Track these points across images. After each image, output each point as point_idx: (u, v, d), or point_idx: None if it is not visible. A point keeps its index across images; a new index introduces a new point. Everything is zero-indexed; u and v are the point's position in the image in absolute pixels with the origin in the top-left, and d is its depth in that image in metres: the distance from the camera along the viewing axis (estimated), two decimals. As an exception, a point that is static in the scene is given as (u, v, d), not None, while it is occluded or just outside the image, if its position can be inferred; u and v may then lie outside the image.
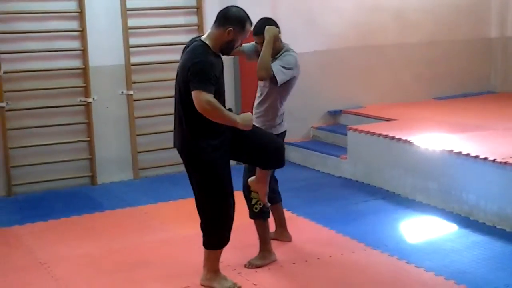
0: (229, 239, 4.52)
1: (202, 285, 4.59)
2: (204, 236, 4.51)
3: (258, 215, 5.00)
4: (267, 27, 4.84)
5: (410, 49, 9.22)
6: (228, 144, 4.39)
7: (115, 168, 7.63)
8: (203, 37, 4.33)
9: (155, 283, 4.75)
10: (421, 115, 8.14)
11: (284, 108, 5.09)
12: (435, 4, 9.31)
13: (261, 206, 4.95)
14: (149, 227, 5.99)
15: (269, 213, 5.07)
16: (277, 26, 4.94)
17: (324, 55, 8.63)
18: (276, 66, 4.82)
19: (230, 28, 4.23)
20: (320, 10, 8.58)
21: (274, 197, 5.21)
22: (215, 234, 4.48)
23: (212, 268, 4.57)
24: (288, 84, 4.95)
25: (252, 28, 4.51)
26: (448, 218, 6.04)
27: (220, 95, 4.34)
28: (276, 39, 4.88)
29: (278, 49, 4.94)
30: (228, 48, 4.34)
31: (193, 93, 4.13)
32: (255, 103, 5.09)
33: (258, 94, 5.09)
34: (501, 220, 5.72)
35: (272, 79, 4.82)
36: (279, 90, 4.93)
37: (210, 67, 4.17)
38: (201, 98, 4.10)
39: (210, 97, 4.12)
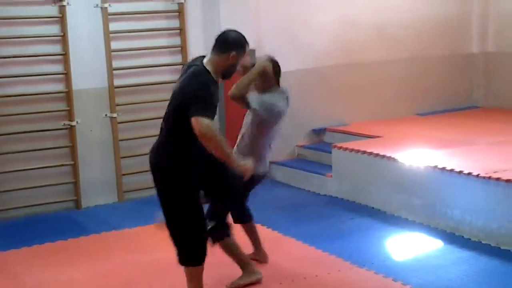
0: (206, 254, 4.48)
1: None
2: (181, 255, 4.44)
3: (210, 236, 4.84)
4: (260, 60, 4.93)
5: (392, 66, 9.27)
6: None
7: (100, 191, 7.59)
8: (204, 61, 4.31)
9: (142, 307, 4.74)
10: (405, 131, 8.18)
11: (266, 152, 5.09)
12: (416, 20, 9.38)
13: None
14: (135, 250, 5.95)
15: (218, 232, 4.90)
16: (278, 67, 5.06)
17: (307, 74, 8.66)
18: (255, 95, 4.89)
19: (234, 53, 4.27)
20: (302, 28, 8.61)
21: (243, 216, 5.20)
22: (194, 248, 4.42)
23: None
24: (267, 124, 4.97)
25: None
26: (433, 234, 6.06)
27: None
28: (265, 73, 4.90)
29: (270, 85, 5.02)
30: (230, 72, 4.37)
31: (193, 119, 4.04)
32: (237, 140, 5.12)
33: (241, 131, 5.12)
34: (486, 235, 5.74)
35: (254, 111, 4.87)
36: (258, 128, 4.96)
37: (212, 96, 4.17)
38: (202, 123, 4.02)
39: (211, 123, 4.09)
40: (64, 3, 7.26)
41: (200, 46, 7.97)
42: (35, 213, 7.22)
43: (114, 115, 7.59)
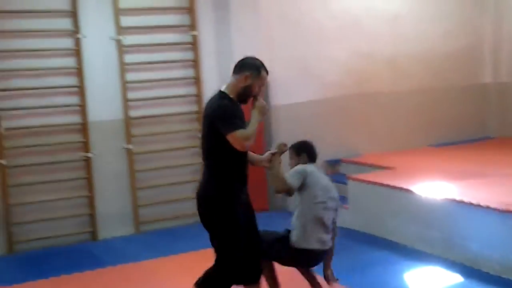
0: (261, 272, 4.59)
1: None
2: (238, 276, 4.49)
3: None
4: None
5: (405, 97, 9.31)
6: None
7: (116, 222, 7.60)
8: (222, 88, 4.50)
9: None
10: (418, 162, 8.18)
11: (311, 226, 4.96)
12: (428, 51, 9.42)
13: None
14: (151, 283, 5.94)
15: None
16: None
17: (320, 104, 8.70)
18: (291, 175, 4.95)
19: (247, 73, 4.42)
20: (315, 59, 8.67)
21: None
22: (248, 266, 4.48)
23: None
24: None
25: (266, 75, 4.55)
26: (451, 267, 6.01)
27: None
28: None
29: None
30: (245, 94, 4.46)
31: (228, 137, 4.27)
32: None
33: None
34: (505, 269, 5.69)
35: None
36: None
37: (230, 108, 4.35)
38: (237, 138, 4.25)
39: (243, 132, 4.27)
40: (80, 35, 7.35)
41: (214, 77, 8.03)
42: (52, 245, 7.24)
43: (130, 146, 7.61)
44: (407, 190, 6.73)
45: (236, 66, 4.51)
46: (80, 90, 7.42)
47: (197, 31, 7.97)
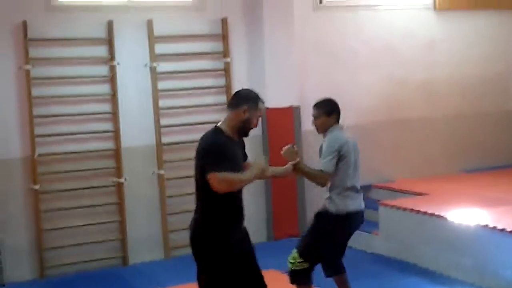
0: None
1: None
2: None
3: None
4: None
5: (438, 122, 9.28)
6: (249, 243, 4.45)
7: (147, 248, 7.63)
8: (218, 124, 4.39)
9: None
10: (451, 189, 8.11)
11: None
12: (461, 77, 9.40)
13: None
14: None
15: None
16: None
17: (352, 130, 8.58)
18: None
19: (245, 107, 4.30)
20: (347, 84, 8.69)
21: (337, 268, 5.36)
22: None
23: None
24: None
25: (263, 106, 4.50)
26: (486, 295, 5.93)
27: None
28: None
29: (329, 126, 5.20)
30: (245, 127, 4.35)
31: (208, 175, 4.08)
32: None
33: None
34: (540, 297, 5.60)
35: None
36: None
37: (222, 145, 4.19)
38: (217, 178, 4.06)
39: (222, 174, 4.07)
40: (114, 63, 7.46)
41: (245, 104, 8.05)
42: (83, 269, 7.27)
43: (162, 171, 7.67)
44: (440, 217, 6.66)
45: (231, 100, 4.43)
46: (114, 116, 7.51)
47: (229, 58, 8.04)
